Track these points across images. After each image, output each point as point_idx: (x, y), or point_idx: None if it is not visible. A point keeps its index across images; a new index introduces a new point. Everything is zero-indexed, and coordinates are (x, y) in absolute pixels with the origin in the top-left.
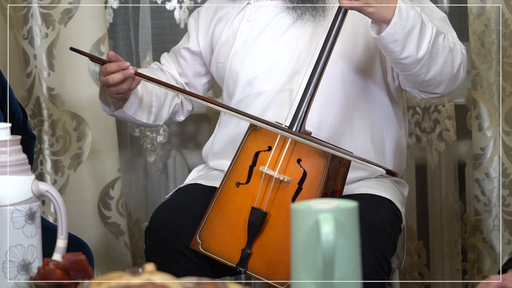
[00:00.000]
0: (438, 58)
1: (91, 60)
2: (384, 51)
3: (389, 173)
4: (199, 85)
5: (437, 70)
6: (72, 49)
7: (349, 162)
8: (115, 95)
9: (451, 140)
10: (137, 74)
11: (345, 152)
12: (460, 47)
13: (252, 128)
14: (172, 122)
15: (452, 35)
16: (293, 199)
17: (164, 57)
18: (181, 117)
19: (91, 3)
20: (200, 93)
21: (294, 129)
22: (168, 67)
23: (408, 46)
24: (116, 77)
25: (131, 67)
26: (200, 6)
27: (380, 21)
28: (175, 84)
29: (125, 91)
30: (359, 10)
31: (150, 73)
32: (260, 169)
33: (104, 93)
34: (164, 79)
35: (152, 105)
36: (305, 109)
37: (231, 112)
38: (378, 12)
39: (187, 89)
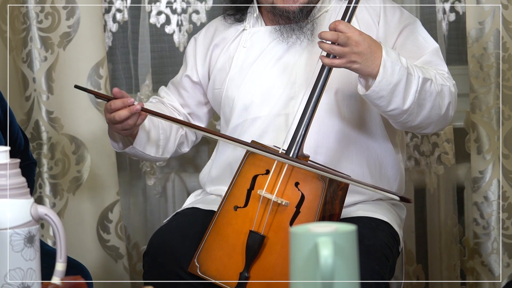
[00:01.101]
0: (426, 104)
1: (96, 97)
2: (371, 104)
3: (402, 200)
4: (202, 114)
5: (425, 115)
6: (76, 86)
7: (347, 185)
8: (121, 131)
9: (450, 163)
10: (143, 109)
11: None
12: (448, 87)
13: (250, 152)
14: (177, 154)
15: (442, 70)
16: (291, 223)
17: (163, 90)
18: (185, 149)
19: (90, 27)
20: (204, 122)
21: (291, 154)
22: (169, 99)
23: (394, 100)
24: (123, 113)
25: (136, 102)
26: (199, 29)
27: (367, 76)
28: (178, 116)
29: (131, 127)
30: (343, 67)
31: (154, 107)
32: (258, 192)
33: (112, 130)
34: (167, 112)
35: (160, 138)
36: (302, 134)
37: (233, 142)
38: (363, 68)
39: (191, 119)
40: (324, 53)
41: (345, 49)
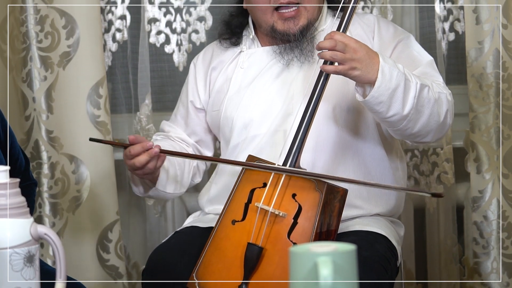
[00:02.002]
0: (424, 111)
1: (113, 146)
2: (370, 111)
3: (435, 195)
4: (210, 140)
5: (424, 122)
6: (92, 139)
7: (344, 196)
8: (143, 176)
9: (450, 182)
10: (162, 151)
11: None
12: (445, 95)
13: (246, 168)
14: (191, 186)
15: (437, 80)
16: (289, 234)
17: (166, 124)
18: (198, 179)
19: (89, 46)
20: (212, 148)
21: (288, 166)
22: (175, 132)
23: (394, 105)
24: (143, 158)
25: (154, 145)
26: (199, 49)
27: (365, 83)
28: (186, 147)
29: (152, 171)
30: (344, 74)
31: (165, 145)
32: (256, 204)
33: (132, 176)
34: (177, 147)
35: (177, 174)
36: (298, 147)
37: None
38: (363, 74)
39: (199, 147)
40: (321, 64)
41: (346, 55)
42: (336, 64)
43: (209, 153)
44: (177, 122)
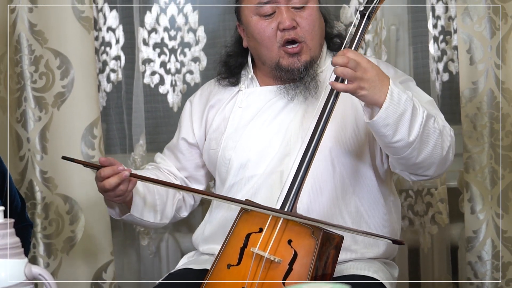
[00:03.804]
0: (429, 141)
1: (84, 166)
2: (376, 135)
3: (395, 242)
4: (201, 176)
5: (428, 152)
6: (64, 158)
7: (340, 244)
8: (115, 198)
9: (444, 223)
10: (132, 175)
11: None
12: (449, 130)
13: (243, 211)
14: (176, 219)
15: (440, 117)
16: (284, 280)
17: (159, 156)
18: (184, 213)
19: (84, 87)
20: (203, 184)
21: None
22: (165, 165)
23: (400, 130)
24: (113, 181)
25: (125, 169)
26: (193, 90)
27: (373, 104)
28: (174, 180)
29: (124, 193)
30: (352, 92)
31: (145, 173)
32: (251, 250)
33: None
34: (162, 178)
35: (156, 203)
36: (296, 191)
37: (227, 201)
38: (371, 95)
39: (188, 183)
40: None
41: (356, 73)
42: (346, 82)
43: (200, 188)
44: (168, 155)
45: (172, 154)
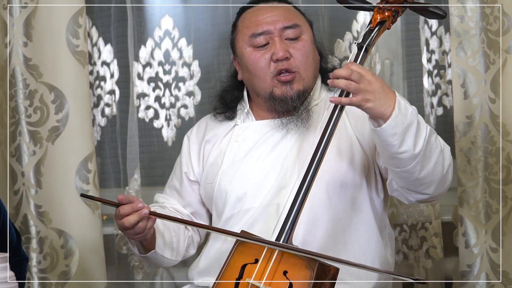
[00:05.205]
0: (431, 157)
1: (103, 203)
2: (383, 144)
3: (418, 281)
4: (205, 212)
5: (430, 168)
6: (82, 195)
7: (335, 275)
8: (134, 236)
9: (438, 257)
10: (151, 213)
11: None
12: (448, 150)
13: (239, 242)
14: (185, 257)
15: (440, 138)
16: None
17: (161, 196)
18: (192, 251)
19: (78, 121)
20: (206, 220)
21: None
22: (170, 203)
23: (407, 141)
24: (132, 219)
25: (144, 206)
26: (188, 124)
27: (378, 117)
28: (180, 216)
29: (142, 230)
30: (358, 105)
31: (160, 211)
32: (247, 280)
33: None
34: (171, 215)
35: (173, 240)
36: (292, 223)
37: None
38: (377, 107)
39: (194, 218)
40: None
41: (361, 85)
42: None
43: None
44: (171, 194)
45: (175, 192)
